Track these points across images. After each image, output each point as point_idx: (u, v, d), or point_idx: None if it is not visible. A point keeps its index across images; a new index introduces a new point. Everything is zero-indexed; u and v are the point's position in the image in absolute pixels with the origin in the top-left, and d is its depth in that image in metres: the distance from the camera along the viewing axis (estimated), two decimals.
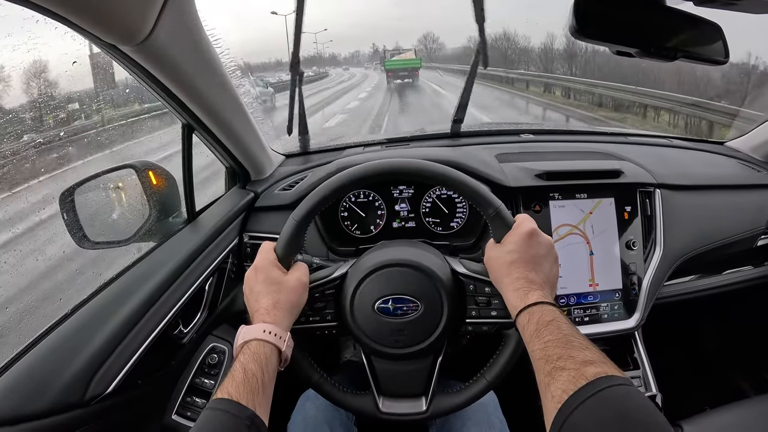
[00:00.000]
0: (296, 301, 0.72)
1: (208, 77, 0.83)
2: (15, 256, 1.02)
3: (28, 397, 0.62)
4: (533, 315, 0.61)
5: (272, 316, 0.67)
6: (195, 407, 0.89)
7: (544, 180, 1.10)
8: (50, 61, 0.80)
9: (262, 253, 0.75)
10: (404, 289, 0.75)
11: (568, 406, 0.48)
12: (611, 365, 0.52)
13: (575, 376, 0.50)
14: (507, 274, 0.69)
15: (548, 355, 0.55)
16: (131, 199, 0.98)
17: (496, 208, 0.73)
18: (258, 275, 0.72)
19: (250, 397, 0.57)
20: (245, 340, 0.64)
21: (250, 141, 1.06)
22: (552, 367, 0.54)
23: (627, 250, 1.12)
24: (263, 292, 0.70)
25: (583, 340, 0.56)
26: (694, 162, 1.40)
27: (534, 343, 0.59)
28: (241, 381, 0.58)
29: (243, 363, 0.61)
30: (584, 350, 0.54)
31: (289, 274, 0.73)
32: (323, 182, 0.76)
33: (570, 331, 0.58)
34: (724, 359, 1.67)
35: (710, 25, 0.83)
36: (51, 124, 1.26)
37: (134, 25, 0.62)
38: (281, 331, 0.66)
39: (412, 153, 1.27)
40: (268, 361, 0.63)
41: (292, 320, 0.71)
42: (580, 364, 0.52)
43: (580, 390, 0.49)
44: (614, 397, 0.48)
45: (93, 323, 0.72)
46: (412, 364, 0.78)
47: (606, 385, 0.48)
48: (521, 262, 0.69)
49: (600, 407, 0.47)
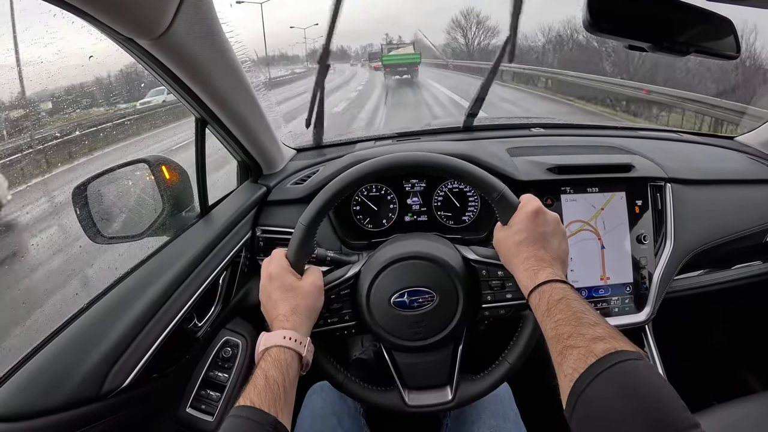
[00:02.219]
0: (313, 305, 0.72)
1: (223, 71, 0.82)
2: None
3: (45, 391, 0.62)
4: (543, 294, 0.62)
5: (291, 322, 0.67)
6: (209, 400, 0.90)
7: (555, 174, 1.10)
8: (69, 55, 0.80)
9: (275, 261, 0.75)
10: (418, 281, 0.76)
11: (580, 383, 0.49)
12: (622, 339, 0.52)
13: (585, 354, 0.51)
14: (516, 255, 0.69)
15: (559, 334, 0.56)
16: (144, 194, 0.98)
17: (500, 191, 0.73)
18: (273, 283, 0.72)
19: (272, 403, 0.57)
20: (266, 347, 0.65)
21: (262, 135, 1.06)
22: (563, 346, 0.54)
23: (638, 245, 1.12)
24: (280, 299, 0.70)
25: (594, 316, 0.56)
26: (703, 156, 1.40)
27: (546, 322, 0.59)
28: (262, 387, 0.58)
29: (264, 370, 0.61)
30: (594, 326, 0.54)
31: (303, 279, 0.74)
32: (332, 180, 0.76)
33: (580, 307, 0.58)
34: (732, 354, 1.67)
35: (722, 20, 0.83)
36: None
37: (153, 19, 0.61)
38: (301, 336, 0.67)
39: (424, 147, 1.27)
40: (289, 367, 0.63)
41: (311, 325, 0.72)
42: (590, 341, 0.52)
43: (590, 367, 0.49)
44: (623, 372, 0.48)
45: (109, 317, 0.72)
46: (433, 355, 0.79)
47: (616, 361, 0.48)
48: (529, 241, 0.69)
49: (609, 383, 0.47)
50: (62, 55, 0.78)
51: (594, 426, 0.47)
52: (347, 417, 0.92)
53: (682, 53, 0.82)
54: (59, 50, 0.76)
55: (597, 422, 0.47)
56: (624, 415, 0.45)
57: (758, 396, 1.08)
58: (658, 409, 0.44)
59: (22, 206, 1.24)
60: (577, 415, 0.49)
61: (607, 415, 0.46)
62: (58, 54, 0.77)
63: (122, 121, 1.77)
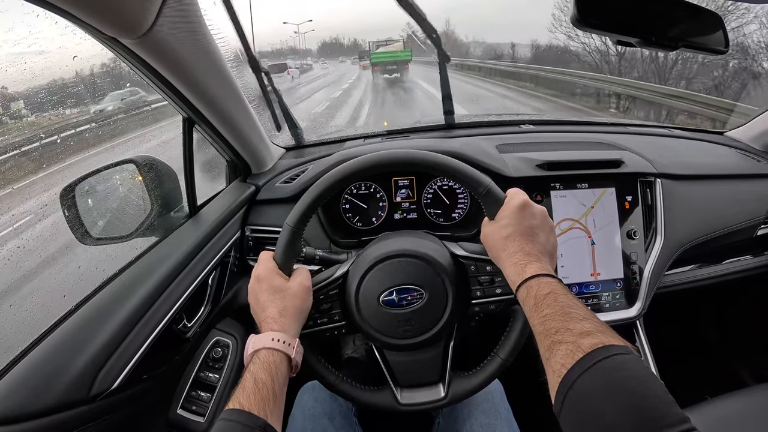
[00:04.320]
0: (302, 306, 0.72)
1: (209, 70, 0.82)
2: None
3: (33, 394, 0.62)
4: (531, 289, 0.61)
5: (280, 324, 0.67)
6: (200, 401, 0.90)
7: (545, 170, 1.10)
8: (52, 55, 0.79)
9: (262, 263, 0.75)
10: (406, 279, 0.75)
11: (568, 379, 0.49)
12: (610, 333, 0.52)
13: (573, 350, 0.50)
14: (503, 249, 0.69)
15: (547, 329, 0.55)
16: (132, 194, 0.98)
17: (486, 186, 0.73)
18: (261, 285, 0.72)
19: (262, 406, 0.57)
20: (255, 349, 0.64)
21: (250, 134, 1.06)
22: (551, 341, 0.54)
23: (628, 240, 1.13)
24: (268, 301, 0.70)
25: (581, 310, 0.56)
26: (694, 152, 1.41)
27: (534, 317, 0.59)
28: (251, 390, 0.58)
29: (253, 372, 0.61)
30: (582, 321, 0.54)
31: (291, 280, 0.73)
32: (318, 179, 0.75)
33: (567, 302, 0.57)
34: (724, 348, 1.68)
35: (711, 14, 0.83)
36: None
37: (136, 18, 0.61)
38: (290, 338, 0.66)
39: (412, 144, 1.27)
40: (278, 369, 0.63)
41: (299, 326, 0.71)
42: (578, 336, 0.52)
43: (578, 363, 0.49)
44: (610, 367, 0.48)
45: (97, 319, 0.71)
46: (424, 353, 0.79)
47: (604, 356, 0.48)
48: (516, 235, 0.68)
49: (597, 379, 0.47)
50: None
51: (582, 422, 0.47)
52: (339, 416, 0.92)
53: (671, 48, 0.82)
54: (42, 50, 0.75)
55: (585, 418, 0.47)
56: (612, 411, 0.44)
57: (751, 390, 1.09)
58: (646, 404, 0.44)
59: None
60: (566, 410, 0.48)
61: (595, 410, 0.46)
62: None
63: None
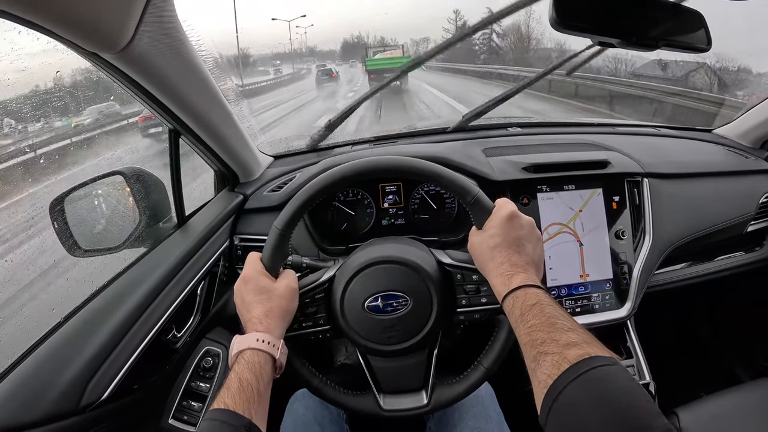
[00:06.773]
0: (287, 307, 0.72)
1: (192, 81, 0.82)
2: None
3: (23, 406, 0.62)
4: (517, 299, 0.61)
5: (264, 325, 0.68)
6: (191, 411, 0.89)
7: (531, 173, 1.10)
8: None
9: (249, 264, 0.75)
10: (391, 286, 0.76)
11: (554, 390, 0.49)
12: (596, 345, 0.52)
13: (558, 361, 0.51)
14: (491, 259, 0.69)
15: (533, 340, 0.56)
16: (121, 206, 0.98)
17: (474, 195, 0.73)
18: (247, 285, 0.73)
19: (246, 405, 0.58)
20: (239, 349, 0.65)
21: (236, 143, 1.06)
22: (537, 352, 0.54)
23: (617, 240, 1.13)
24: (254, 302, 0.71)
25: (567, 321, 0.56)
26: (681, 150, 1.41)
27: (520, 327, 0.59)
28: (236, 390, 0.59)
29: (238, 372, 0.62)
30: (567, 332, 0.54)
31: (278, 281, 0.74)
32: (304, 186, 0.76)
33: (554, 312, 0.58)
34: (717, 345, 1.68)
35: (692, 13, 0.83)
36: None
37: (115, 32, 0.62)
38: (274, 339, 0.67)
39: (401, 150, 1.27)
40: (263, 369, 0.63)
41: (284, 327, 0.72)
42: (563, 347, 0.52)
43: (563, 374, 0.49)
44: (596, 378, 0.48)
45: (86, 331, 0.72)
46: (408, 359, 0.79)
47: (589, 367, 0.48)
48: (504, 246, 0.69)
49: (582, 390, 0.47)
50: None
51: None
52: (330, 423, 0.92)
53: (652, 47, 0.82)
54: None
55: (571, 428, 0.47)
56: (597, 422, 0.45)
57: (746, 386, 1.09)
58: (631, 414, 0.44)
59: None
60: (551, 421, 0.49)
61: (580, 421, 0.46)
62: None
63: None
